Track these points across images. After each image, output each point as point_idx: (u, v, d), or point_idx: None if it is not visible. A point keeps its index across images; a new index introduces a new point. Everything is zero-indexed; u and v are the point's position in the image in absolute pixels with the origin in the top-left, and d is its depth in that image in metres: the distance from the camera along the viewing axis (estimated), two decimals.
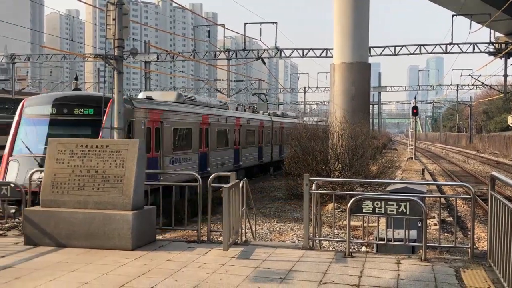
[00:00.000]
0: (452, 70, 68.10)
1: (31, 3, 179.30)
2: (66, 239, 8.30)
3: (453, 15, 37.11)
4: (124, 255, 7.82)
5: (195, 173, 10.16)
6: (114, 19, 14.39)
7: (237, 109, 32.49)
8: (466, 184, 8.62)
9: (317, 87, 74.10)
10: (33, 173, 10.17)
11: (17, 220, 11.01)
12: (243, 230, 9.03)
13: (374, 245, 9.36)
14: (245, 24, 38.26)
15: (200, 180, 9.29)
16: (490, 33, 37.63)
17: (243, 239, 8.94)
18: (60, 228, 8.35)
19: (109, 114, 15.00)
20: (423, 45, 36.72)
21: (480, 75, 56.58)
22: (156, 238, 9.12)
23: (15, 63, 46.52)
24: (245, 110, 32.71)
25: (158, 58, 40.78)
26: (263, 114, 33.50)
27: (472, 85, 61.94)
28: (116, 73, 14.71)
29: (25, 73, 76.51)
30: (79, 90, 27.15)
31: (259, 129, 30.64)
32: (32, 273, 6.84)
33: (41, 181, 9.06)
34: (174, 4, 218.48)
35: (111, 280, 6.58)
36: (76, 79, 45.30)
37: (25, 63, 60.09)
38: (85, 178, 8.63)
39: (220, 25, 43.33)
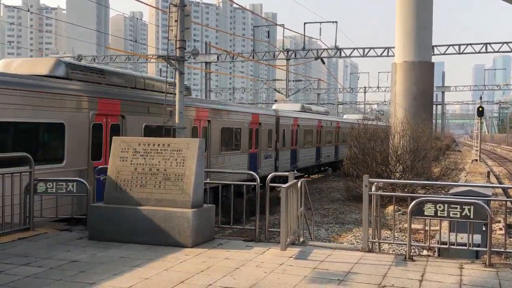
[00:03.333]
0: None
1: (97, 6, 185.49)
2: (128, 235, 8.53)
3: None
4: (183, 252, 7.96)
5: (252, 173, 10.22)
6: (176, 21, 14.69)
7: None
8: None
9: (378, 87, 72.84)
10: (99, 169, 10.50)
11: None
12: (301, 231, 9.00)
13: (436, 249, 9.13)
14: (305, 23, 38.14)
15: (258, 179, 9.33)
16: None
17: (301, 239, 8.91)
18: (122, 224, 8.59)
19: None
20: (489, 43, 35.44)
21: None
22: (215, 236, 9.22)
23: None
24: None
25: (218, 59, 41.22)
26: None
27: None
28: (178, 73, 15.00)
29: None
30: None
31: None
32: (96, 267, 7.07)
33: (105, 178, 9.35)
34: (235, 5, 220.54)
35: (171, 276, 6.71)
36: None
37: (91, 64, 62.26)
38: (147, 176, 8.84)
39: (279, 25, 43.41)
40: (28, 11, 62.73)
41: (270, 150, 23.73)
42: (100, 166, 11.27)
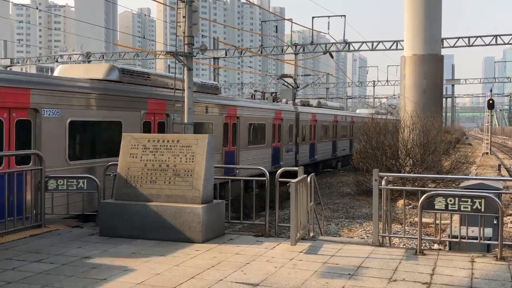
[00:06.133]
0: None
1: (105, 3, 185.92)
2: (139, 231, 8.57)
3: None
4: (194, 247, 7.99)
5: (262, 168, 10.21)
6: (184, 17, 14.68)
7: (252, 97, 37.77)
8: None
9: (387, 81, 72.57)
10: (108, 166, 10.54)
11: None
12: (311, 225, 9.00)
13: (447, 242, 9.10)
14: (313, 18, 38.04)
15: (268, 174, 9.32)
16: None
17: (311, 234, 8.91)
18: (133, 221, 8.63)
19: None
20: (499, 35, 35.16)
21: None
22: (225, 231, 9.23)
23: (91, 61, 48.39)
24: (265, 99, 29.48)
25: (226, 54, 41.19)
26: (287, 103, 27.94)
27: None
28: (186, 69, 15.01)
29: None
30: None
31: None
32: (107, 263, 7.11)
33: (115, 175, 9.38)
34: (242, 0, 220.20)
35: (182, 271, 6.73)
36: None
37: (100, 61, 62.50)
38: (157, 172, 8.87)
39: (287, 19, 43.31)
40: (37, 9, 62.93)
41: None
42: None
